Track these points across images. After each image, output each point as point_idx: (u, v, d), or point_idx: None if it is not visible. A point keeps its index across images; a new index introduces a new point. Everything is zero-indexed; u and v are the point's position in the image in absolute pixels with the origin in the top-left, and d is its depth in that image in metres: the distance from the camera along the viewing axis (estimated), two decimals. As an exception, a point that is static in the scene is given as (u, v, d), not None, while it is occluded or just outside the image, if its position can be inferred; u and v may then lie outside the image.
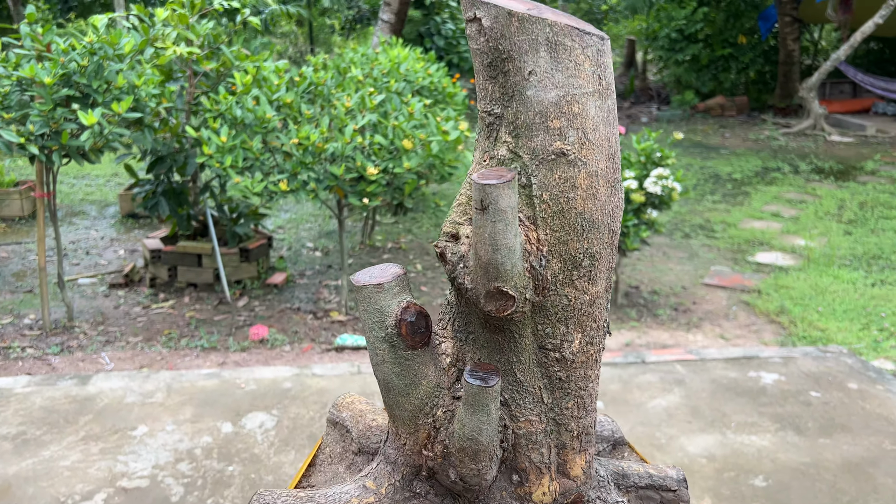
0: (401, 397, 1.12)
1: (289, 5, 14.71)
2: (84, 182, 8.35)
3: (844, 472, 2.57)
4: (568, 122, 1.02)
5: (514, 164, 1.04)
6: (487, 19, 0.99)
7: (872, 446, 2.74)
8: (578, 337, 1.12)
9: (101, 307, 4.73)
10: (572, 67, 1.01)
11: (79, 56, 3.77)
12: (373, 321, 1.09)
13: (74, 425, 2.82)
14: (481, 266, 0.99)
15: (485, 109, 1.04)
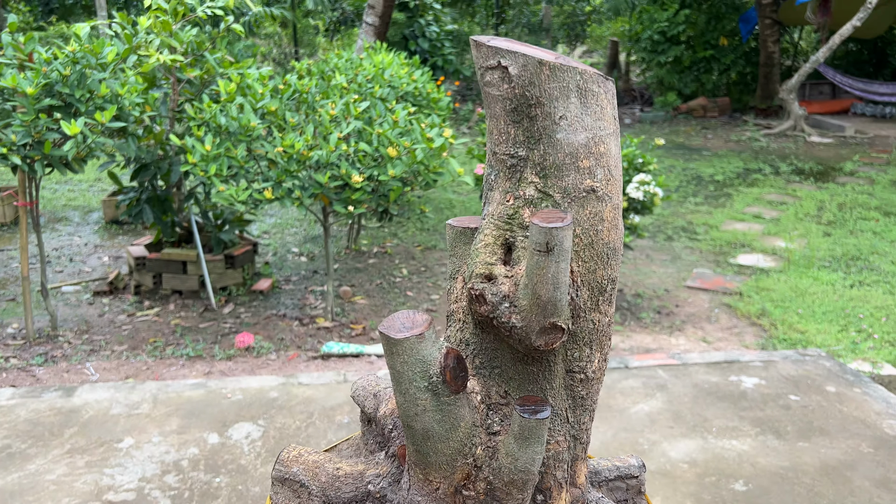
0: (440, 443, 1.12)
1: (273, 7, 14.67)
2: (67, 187, 8.30)
3: (822, 476, 2.62)
4: (596, 161, 1.08)
5: (544, 203, 1.09)
6: (515, 67, 1.03)
7: (850, 449, 2.79)
8: (598, 356, 1.18)
9: (86, 315, 4.71)
10: (598, 111, 1.09)
11: (61, 65, 3.76)
12: (414, 372, 1.08)
13: (60, 438, 2.82)
14: (539, 304, 1.02)
15: (507, 152, 1.07)
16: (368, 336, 4.41)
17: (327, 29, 17.07)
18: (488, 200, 1.14)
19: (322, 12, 15.41)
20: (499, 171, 1.11)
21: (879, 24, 12.92)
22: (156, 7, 4.47)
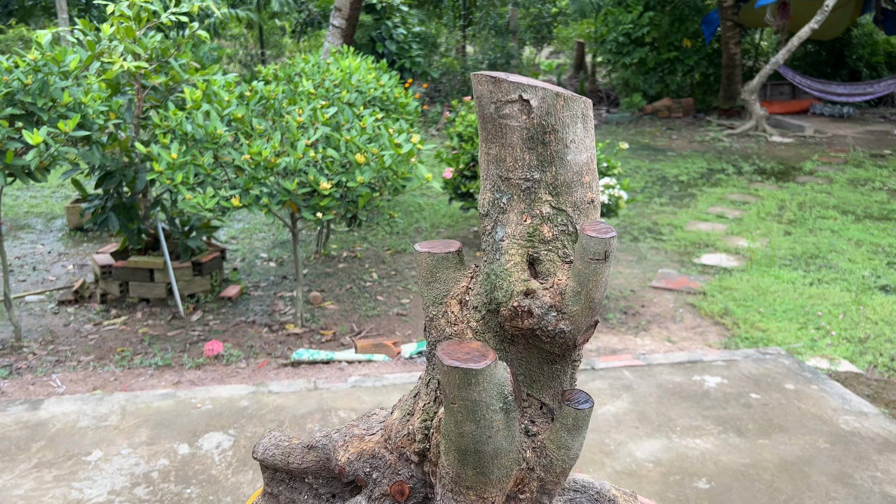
0: (505, 458, 1.15)
1: (238, 9, 14.55)
2: (29, 194, 8.15)
3: (781, 472, 2.71)
4: (592, 175, 1.24)
5: (559, 218, 1.20)
6: (535, 100, 1.16)
7: (807, 445, 2.88)
8: (584, 347, 1.28)
9: (51, 325, 4.65)
10: (592, 131, 1.25)
11: (22, 74, 3.72)
12: (492, 397, 1.10)
13: (27, 452, 2.80)
14: (591, 307, 1.13)
15: (522, 177, 1.15)
16: (339, 342, 4.42)
17: (294, 31, 16.98)
18: (501, 223, 1.19)
19: (288, 14, 15.32)
20: (512, 194, 1.18)
21: (836, 26, 13.25)
22: (119, 13, 4.43)
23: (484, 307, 1.15)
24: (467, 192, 6.01)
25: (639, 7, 13.86)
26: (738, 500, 2.53)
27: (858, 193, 8.29)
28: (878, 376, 4.03)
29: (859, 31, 15.06)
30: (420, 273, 1.15)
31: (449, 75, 14.61)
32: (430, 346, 1.20)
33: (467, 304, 1.16)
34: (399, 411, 1.23)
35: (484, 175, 1.17)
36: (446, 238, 6.63)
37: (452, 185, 6.03)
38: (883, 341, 4.51)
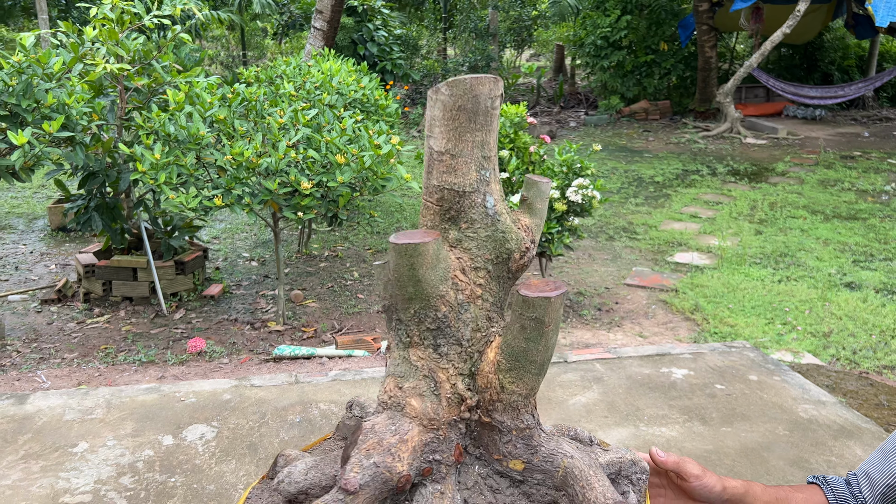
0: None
1: (220, 11, 14.58)
2: (10, 194, 8.16)
3: (742, 457, 2.85)
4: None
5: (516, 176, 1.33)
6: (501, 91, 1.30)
7: (767, 432, 3.03)
8: None
9: (34, 324, 4.70)
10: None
11: (7, 75, 3.78)
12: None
13: (13, 445, 2.87)
14: (541, 227, 1.28)
15: (496, 153, 1.28)
16: (320, 339, 4.52)
17: (276, 32, 17.02)
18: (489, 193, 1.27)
19: (270, 15, 15.37)
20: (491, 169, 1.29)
21: (809, 30, 13.54)
22: (102, 16, 4.50)
23: (489, 263, 1.23)
24: (446, 193, 6.12)
25: (616, 11, 14.07)
26: (700, 483, 2.66)
27: (828, 194, 8.51)
28: (840, 368, 4.19)
29: (831, 35, 15.38)
30: (422, 261, 1.21)
31: (430, 77, 14.73)
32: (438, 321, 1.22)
33: (468, 270, 1.24)
34: (419, 398, 1.24)
35: (466, 160, 1.26)
36: (426, 238, 6.74)
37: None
38: (846, 336, 4.68)
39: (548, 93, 16.54)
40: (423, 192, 1.18)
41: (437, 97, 1.13)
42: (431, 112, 1.14)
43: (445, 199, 1.16)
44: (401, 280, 1.12)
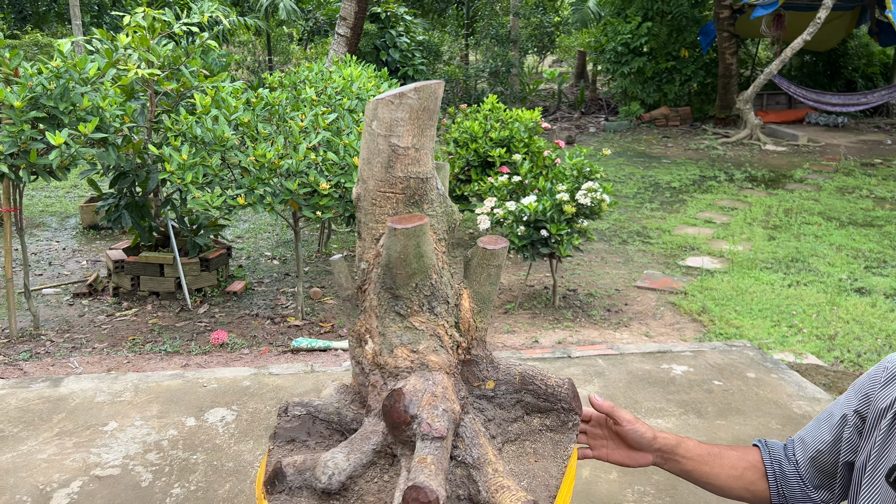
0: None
1: (247, 17, 14.91)
2: (44, 194, 8.47)
3: (733, 448, 2.97)
4: None
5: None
6: None
7: (760, 426, 3.15)
8: None
9: (66, 316, 4.94)
10: None
11: (46, 80, 4.02)
12: None
13: (49, 423, 3.09)
14: None
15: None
16: (337, 333, 4.70)
17: (301, 38, 17.33)
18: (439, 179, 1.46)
19: (295, 22, 15.68)
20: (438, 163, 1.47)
21: (832, 37, 13.52)
22: (134, 24, 4.74)
23: (445, 233, 1.44)
24: (463, 196, 6.29)
25: (637, 18, 14.16)
26: (691, 470, 2.80)
27: (845, 201, 8.54)
28: (842, 370, 4.28)
29: (855, 42, 15.33)
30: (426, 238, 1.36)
31: (451, 83, 14.92)
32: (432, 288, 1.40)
33: (436, 241, 1.43)
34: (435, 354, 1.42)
35: (427, 151, 1.41)
36: (442, 239, 6.91)
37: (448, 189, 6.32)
38: (852, 339, 4.76)
39: (569, 98, 16.65)
40: (382, 186, 1.32)
41: (403, 101, 1.28)
42: (394, 115, 1.29)
43: (411, 186, 1.33)
44: (406, 259, 1.29)
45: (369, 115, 1.29)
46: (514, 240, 4.79)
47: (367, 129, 1.31)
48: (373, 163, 1.31)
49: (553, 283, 5.24)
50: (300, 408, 1.43)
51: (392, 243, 1.29)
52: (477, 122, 6.25)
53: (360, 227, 1.38)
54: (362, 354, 1.40)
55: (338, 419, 1.43)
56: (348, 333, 1.44)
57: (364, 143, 1.33)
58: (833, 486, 1.31)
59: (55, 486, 2.64)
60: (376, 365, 1.37)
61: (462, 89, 14.82)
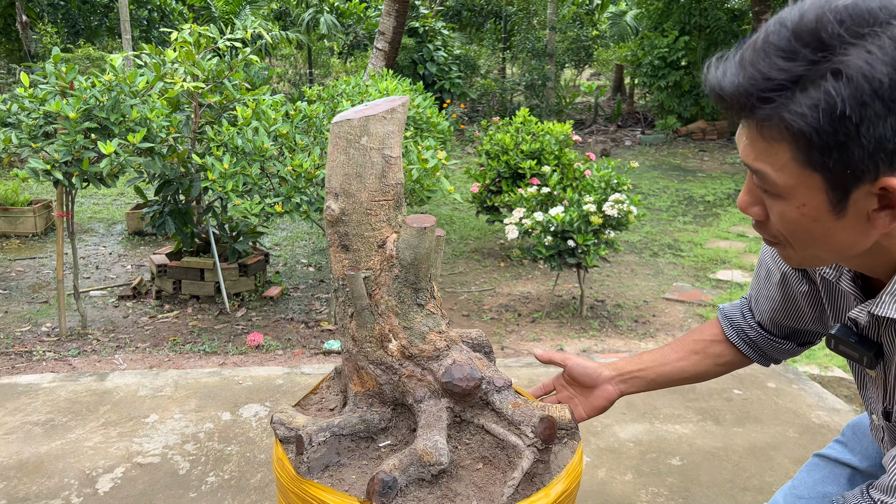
0: None
1: (289, 31, 15.31)
2: (92, 201, 8.84)
3: (749, 455, 3.03)
4: None
5: None
6: None
7: (777, 434, 3.20)
8: None
9: (112, 317, 5.19)
10: None
11: (98, 92, 4.27)
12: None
13: (95, 413, 3.28)
14: None
15: None
16: (367, 338, 4.85)
17: (341, 52, 17.69)
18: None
19: (336, 35, 16.04)
20: None
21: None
22: (181, 39, 4.99)
23: None
24: (493, 206, 6.42)
25: (674, 32, 14.16)
26: (705, 474, 2.87)
27: (883, 216, 8.45)
28: (869, 384, 4.28)
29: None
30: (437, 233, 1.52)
31: (488, 96, 15.08)
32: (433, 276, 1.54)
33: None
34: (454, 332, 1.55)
35: (400, 158, 1.55)
36: (474, 249, 7.04)
37: (479, 200, 6.45)
38: (880, 353, 4.75)
39: (605, 112, 16.68)
40: (376, 196, 1.42)
41: (394, 116, 1.40)
42: (386, 128, 1.39)
43: (397, 192, 1.46)
44: (429, 253, 1.43)
45: (356, 131, 1.35)
46: (542, 249, 4.89)
47: (353, 145, 1.36)
48: (364, 176, 1.37)
49: (580, 294, 5.32)
50: (322, 433, 1.41)
51: (420, 241, 1.41)
52: (508, 135, 6.38)
53: (346, 240, 1.42)
54: (385, 355, 1.48)
55: (364, 427, 1.47)
56: (358, 344, 1.47)
57: (347, 159, 1.37)
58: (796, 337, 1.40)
59: (100, 471, 2.83)
60: (407, 358, 1.47)
61: (498, 102, 14.96)
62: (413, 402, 1.47)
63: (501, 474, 1.41)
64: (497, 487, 1.37)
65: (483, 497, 1.36)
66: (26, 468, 2.82)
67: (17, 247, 6.88)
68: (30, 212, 7.17)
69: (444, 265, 6.57)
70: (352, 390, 1.51)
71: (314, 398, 1.68)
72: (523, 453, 1.39)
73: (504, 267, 6.52)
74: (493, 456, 1.44)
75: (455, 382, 1.41)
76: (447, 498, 1.36)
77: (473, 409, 1.46)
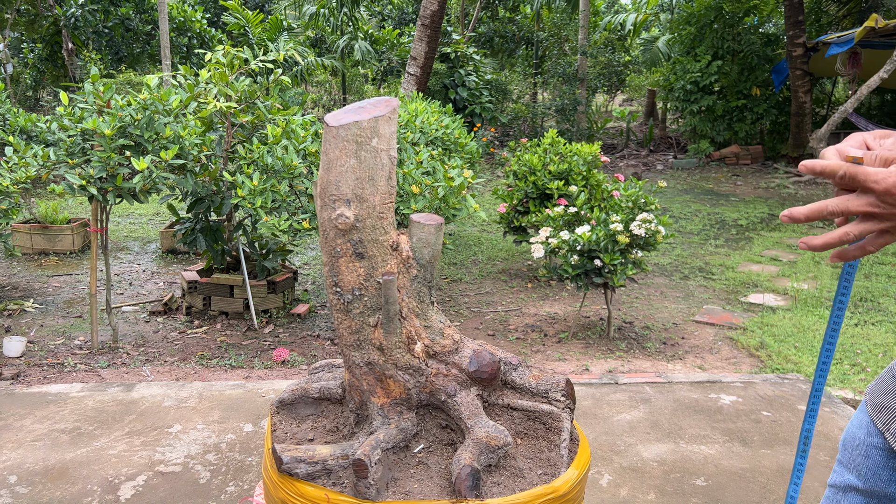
0: None
1: (324, 57, 15.59)
2: (128, 220, 9.03)
3: (777, 476, 2.95)
4: None
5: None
6: None
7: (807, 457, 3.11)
8: None
9: (142, 331, 5.27)
10: None
11: (133, 111, 4.39)
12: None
13: (121, 423, 3.33)
14: None
15: None
16: (392, 355, 4.86)
17: (374, 78, 17.94)
18: None
19: (370, 62, 16.28)
20: None
21: (913, 75, 13.10)
22: (215, 60, 5.11)
23: None
24: (520, 227, 6.41)
25: (707, 56, 14.10)
26: (731, 496, 2.80)
27: (922, 241, 8.23)
28: (906, 410, 4.15)
29: (939, 80, 14.79)
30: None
31: (518, 121, 15.13)
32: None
33: None
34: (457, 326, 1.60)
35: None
36: (500, 269, 7.03)
37: (506, 220, 6.45)
38: (919, 379, 4.60)
39: (637, 136, 16.62)
40: (386, 199, 1.41)
41: (394, 115, 1.40)
42: (391, 129, 1.38)
43: (396, 191, 1.47)
44: (440, 249, 1.43)
45: (366, 133, 1.32)
46: (568, 268, 4.86)
47: (363, 148, 1.33)
48: (376, 179, 1.35)
49: (608, 314, 5.27)
50: (375, 452, 1.39)
51: (437, 239, 1.42)
52: (536, 156, 6.39)
53: (361, 247, 1.38)
54: (412, 358, 1.47)
55: (402, 437, 1.47)
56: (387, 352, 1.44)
57: (359, 163, 1.33)
58: None
59: (123, 478, 2.86)
60: (431, 357, 1.47)
61: (528, 127, 15.00)
62: (446, 397, 1.46)
63: (545, 442, 1.43)
64: (548, 454, 1.40)
65: (543, 465, 1.39)
66: (51, 474, 2.86)
67: (54, 263, 7.06)
68: (68, 230, 7.36)
69: (471, 285, 6.56)
70: (375, 403, 1.48)
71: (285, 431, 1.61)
72: (561, 416, 1.41)
73: (531, 288, 6.48)
74: (526, 429, 1.46)
75: (482, 369, 1.43)
76: (516, 475, 1.38)
77: (495, 392, 1.48)
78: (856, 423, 1.33)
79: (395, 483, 1.39)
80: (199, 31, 15.41)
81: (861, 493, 1.28)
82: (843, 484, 1.33)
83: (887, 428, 1.21)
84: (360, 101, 1.42)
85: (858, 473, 1.29)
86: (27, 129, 6.61)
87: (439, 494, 1.33)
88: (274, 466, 1.40)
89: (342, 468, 1.37)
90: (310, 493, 1.33)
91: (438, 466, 1.43)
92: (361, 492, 1.31)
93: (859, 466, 1.29)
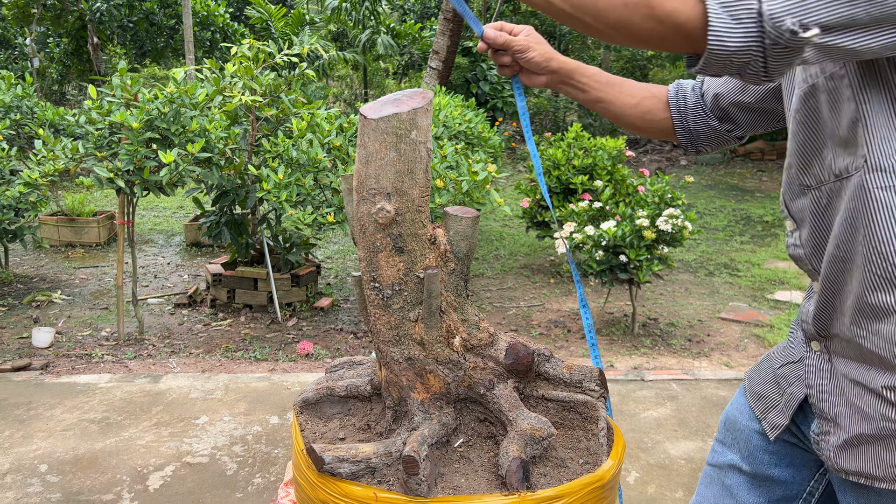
0: None
1: (346, 51, 15.61)
2: (153, 213, 9.12)
3: (808, 476, 2.91)
4: None
5: None
6: None
7: (839, 456, 3.06)
8: None
9: (168, 323, 5.32)
10: None
11: (160, 104, 4.42)
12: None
13: (148, 413, 3.35)
14: None
15: None
16: (415, 350, 4.86)
17: (396, 72, 17.95)
18: None
19: (391, 56, 16.28)
20: None
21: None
22: (240, 54, 5.13)
23: None
24: (543, 222, 6.37)
25: (733, 50, 13.91)
26: (761, 495, 2.76)
27: (954, 239, 8.08)
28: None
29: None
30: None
31: (541, 115, 15.06)
32: None
33: None
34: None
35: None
36: (523, 265, 7.00)
37: (529, 215, 6.42)
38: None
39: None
40: (424, 192, 1.37)
41: (430, 106, 1.36)
42: (427, 120, 1.34)
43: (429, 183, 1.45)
44: (476, 241, 1.42)
45: (405, 125, 1.30)
46: (593, 264, 4.83)
47: (403, 141, 1.30)
48: (415, 172, 1.32)
49: (633, 311, 5.23)
50: (423, 448, 1.37)
51: (473, 231, 1.40)
52: (560, 150, 6.34)
53: (401, 241, 1.36)
54: (451, 353, 1.44)
55: (444, 432, 1.46)
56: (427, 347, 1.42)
57: (398, 156, 1.31)
58: (737, 119, 1.34)
59: (151, 468, 2.88)
60: (468, 350, 1.45)
61: (551, 121, 14.93)
62: (485, 391, 1.44)
63: (582, 431, 1.43)
64: (586, 443, 1.41)
65: (584, 454, 1.39)
66: (81, 463, 2.89)
67: (81, 256, 7.14)
68: (94, 222, 7.44)
69: (493, 280, 6.54)
70: (415, 399, 1.46)
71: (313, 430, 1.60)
72: (597, 405, 1.42)
73: (554, 283, 6.45)
74: (562, 419, 1.46)
75: (519, 361, 1.42)
76: (560, 466, 1.39)
77: (530, 383, 1.48)
78: (736, 407, 1.35)
79: (442, 478, 1.38)
80: (223, 26, 15.50)
81: (744, 473, 1.31)
82: (725, 463, 1.34)
83: (764, 417, 1.25)
84: (394, 93, 1.40)
85: (741, 455, 1.31)
86: (55, 123, 6.69)
87: (487, 488, 1.32)
88: (311, 467, 1.37)
89: (386, 466, 1.36)
90: (356, 492, 1.29)
91: (481, 460, 1.42)
92: (413, 489, 1.29)
93: (741, 449, 1.31)
